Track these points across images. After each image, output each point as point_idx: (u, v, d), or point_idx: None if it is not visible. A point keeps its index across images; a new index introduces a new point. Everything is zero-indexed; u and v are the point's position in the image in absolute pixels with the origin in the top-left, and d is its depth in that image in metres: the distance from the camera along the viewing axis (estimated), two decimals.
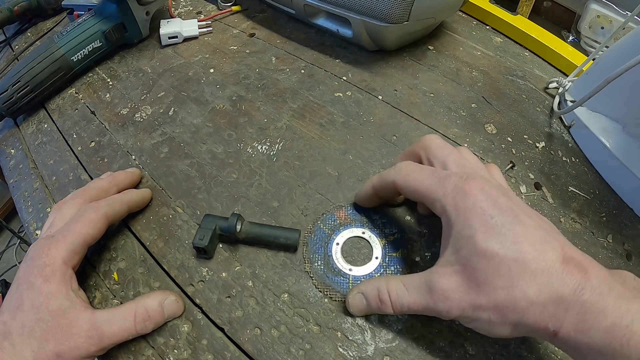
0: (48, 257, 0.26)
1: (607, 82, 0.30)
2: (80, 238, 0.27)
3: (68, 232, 0.27)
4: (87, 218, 0.28)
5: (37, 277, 0.25)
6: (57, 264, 0.26)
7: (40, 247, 0.27)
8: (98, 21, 0.46)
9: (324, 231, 0.32)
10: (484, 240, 0.20)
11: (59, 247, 0.26)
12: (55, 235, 0.27)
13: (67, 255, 0.26)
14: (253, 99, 0.43)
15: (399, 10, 0.39)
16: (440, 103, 0.41)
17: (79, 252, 0.27)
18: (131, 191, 0.34)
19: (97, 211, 0.29)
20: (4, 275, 1.34)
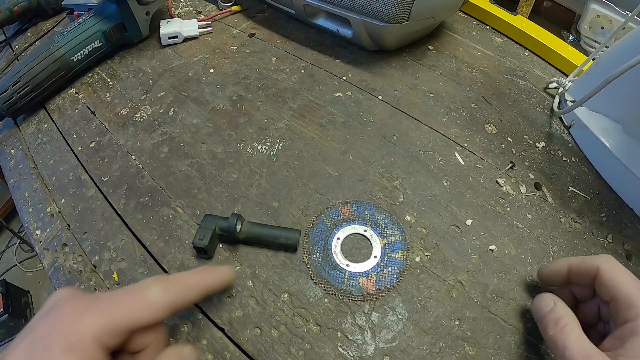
0: (79, 322, 0.20)
1: (607, 82, 0.30)
2: (127, 320, 0.21)
3: (117, 307, 0.21)
4: (148, 301, 0.22)
5: (56, 342, 0.20)
6: (86, 339, 0.20)
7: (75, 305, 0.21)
8: (98, 21, 0.46)
9: (326, 225, 0.32)
10: None
11: (96, 318, 0.21)
12: (99, 300, 0.22)
13: (103, 332, 0.20)
14: (253, 99, 0.43)
15: (399, 10, 0.39)
16: (440, 103, 0.41)
17: (119, 335, 0.21)
18: (210, 273, 0.26)
19: (164, 296, 0.23)
20: (4, 275, 1.34)
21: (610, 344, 0.21)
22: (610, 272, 0.23)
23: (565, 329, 0.22)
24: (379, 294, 0.29)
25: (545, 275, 0.28)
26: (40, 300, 1.29)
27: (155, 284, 0.23)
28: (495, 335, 0.27)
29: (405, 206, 0.33)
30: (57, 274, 0.32)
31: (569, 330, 0.22)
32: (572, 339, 0.22)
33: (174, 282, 0.24)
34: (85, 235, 0.34)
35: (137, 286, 0.23)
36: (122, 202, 0.36)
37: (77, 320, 0.20)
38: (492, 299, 0.28)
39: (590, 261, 0.24)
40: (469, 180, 0.35)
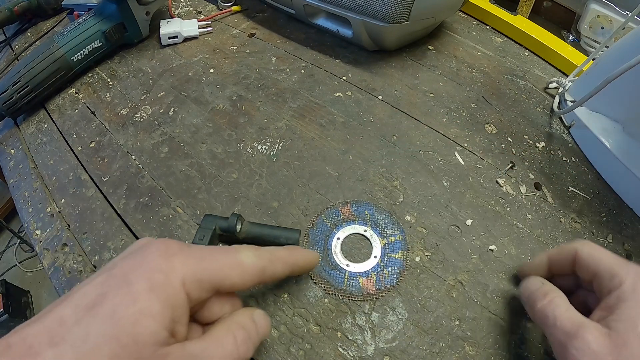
0: (168, 262, 0.19)
1: (607, 82, 0.30)
2: (217, 275, 0.20)
3: (209, 258, 0.20)
4: (239, 261, 0.21)
5: (139, 279, 0.18)
6: (174, 279, 0.18)
7: (165, 246, 0.20)
8: (98, 21, 0.46)
9: (326, 225, 0.32)
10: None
11: (187, 263, 0.19)
12: (193, 248, 0.21)
13: (191, 279, 0.19)
14: (253, 99, 0.43)
15: (399, 10, 0.39)
16: (440, 103, 0.41)
17: (205, 290, 0.20)
18: (298, 251, 0.27)
19: (255, 261, 0.22)
20: (4, 275, 1.34)
21: (598, 315, 0.21)
22: (588, 251, 0.24)
23: (554, 301, 0.22)
24: (379, 294, 0.29)
25: (527, 272, 0.28)
26: (41, 300, 1.30)
27: (248, 249, 0.22)
28: (495, 335, 0.27)
29: (405, 206, 0.33)
30: (57, 274, 0.32)
31: (558, 302, 0.22)
32: (562, 309, 0.22)
33: (265, 251, 0.23)
34: (85, 235, 0.34)
35: (230, 247, 0.22)
36: (122, 202, 0.36)
37: (166, 260, 0.19)
38: (492, 299, 0.28)
39: (567, 247, 0.25)
40: (469, 180, 0.35)
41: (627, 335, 0.19)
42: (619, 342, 0.19)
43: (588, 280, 0.23)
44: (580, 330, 0.20)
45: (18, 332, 0.17)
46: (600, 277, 0.22)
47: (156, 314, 0.17)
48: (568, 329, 0.20)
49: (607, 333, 0.20)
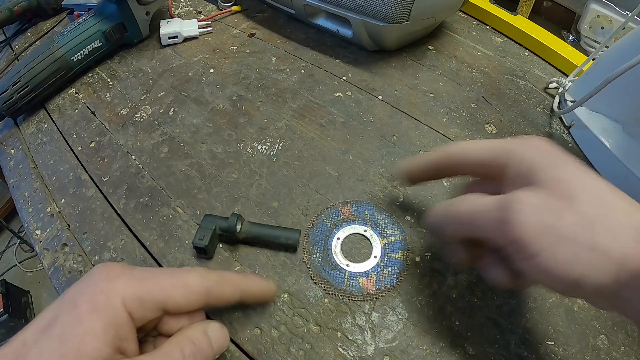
0: (110, 284, 0.20)
1: (607, 82, 0.30)
2: (159, 294, 0.21)
3: (152, 279, 0.21)
4: (184, 281, 0.22)
5: (84, 301, 0.19)
6: (114, 300, 0.20)
7: (109, 269, 0.21)
8: (98, 21, 0.46)
9: (326, 225, 0.32)
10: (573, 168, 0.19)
11: (129, 284, 0.20)
12: (136, 270, 0.22)
13: (131, 298, 0.20)
14: (253, 99, 0.43)
15: (399, 10, 0.39)
16: (440, 103, 0.41)
17: (149, 309, 0.21)
18: (253, 278, 0.27)
19: (201, 281, 0.22)
20: (4, 275, 1.35)
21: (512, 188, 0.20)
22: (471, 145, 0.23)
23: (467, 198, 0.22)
24: (379, 294, 0.29)
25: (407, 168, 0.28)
26: (41, 300, 1.30)
27: (196, 270, 0.23)
28: (495, 335, 0.27)
29: (405, 206, 0.33)
30: (57, 274, 0.32)
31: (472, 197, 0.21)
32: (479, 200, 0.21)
33: (215, 274, 0.24)
34: (85, 235, 0.34)
35: (178, 269, 0.23)
36: (122, 202, 0.36)
37: (109, 283, 0.20)
38: (492, 298, 0.28)
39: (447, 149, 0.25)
40: (469, 180, 0.35)
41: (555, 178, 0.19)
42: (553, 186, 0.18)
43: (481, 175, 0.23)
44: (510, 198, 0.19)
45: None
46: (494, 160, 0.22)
47: (99, 333, 0.19)
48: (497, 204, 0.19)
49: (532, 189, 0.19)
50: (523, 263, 0.18)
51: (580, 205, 0.18)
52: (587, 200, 0.18)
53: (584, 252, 0.17)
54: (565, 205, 0.18)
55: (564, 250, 0.17)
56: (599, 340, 0.26)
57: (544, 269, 0.18)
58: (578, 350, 0.26)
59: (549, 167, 0.19)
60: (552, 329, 0.27)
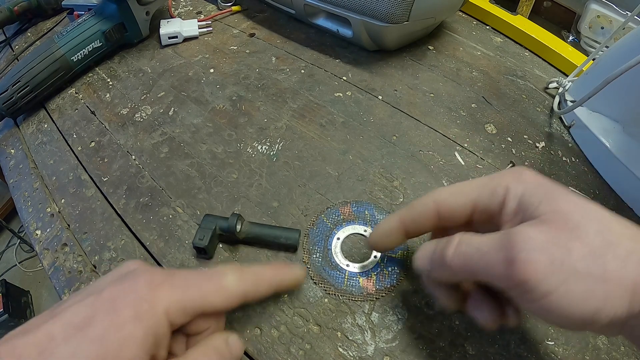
0: (153, 293, 0.20)
1: (607, 82, 0.30)
2: (201, 302, 0.21)
3: (193, 286, 0.22)
4: (223, 286, 0.22)
5: (126, 307, 0.19)
6: (158, 309, 0.20)
7: (151, 276, 0.21)
8: (98, 21, 0.46)
9: (326, 225, 0.32)
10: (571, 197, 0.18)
11: (171, 293, 0.21)
12: (176, 276, 0.22)
13: (175, 308, 0.20)
14: (253, 99, 0.43)
15: (399, 10, 0.39)
16: (440, 103, 0.41)
17: (188, 315, 0.21)
18: (283, 270, 0.26)
19: (239, 285, 0.23)
20: (4, 275, 1.34)
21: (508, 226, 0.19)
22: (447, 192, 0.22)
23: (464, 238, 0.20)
24: (379, 294, 0.29)
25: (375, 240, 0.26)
26: (41, 300, 1.30)
27: (232, 272, 0.23)
28: (495, 335, 0.27)
29: None
30: (57, 274, 0.32)
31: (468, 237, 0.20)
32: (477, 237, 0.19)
33: (249, 273, 0.24)
34: (85, 235, 0.34)
35: (214, 271, 0.23)
36: (122, 202, 0.36)
37: (152, 291, 0.20)
38: None
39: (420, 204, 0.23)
40: None
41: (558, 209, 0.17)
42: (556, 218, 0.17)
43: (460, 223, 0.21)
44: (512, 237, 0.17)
45: (7, 342, 0.18)
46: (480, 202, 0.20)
47: (139, 340, 0.19)
48: (500, 244, 0.18)
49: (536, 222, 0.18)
50: (532, 304, 0.17)
51: (588, 236, 0.17)
52: (593, 230, 0.17)
53: (597, 284, 0.16)
54: (572, 237, 0.17)
55: (578, 286, 0.16)
56: (599, 340, 0.26)
57: (556, 309, 0.16)
58: (578, 350, 0.26)
59: (546, 199, 0.18)
60: (552, 329, 0.27)
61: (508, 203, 0.19)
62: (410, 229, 0.24)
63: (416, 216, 0.23)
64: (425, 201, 0.23)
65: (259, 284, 0.24)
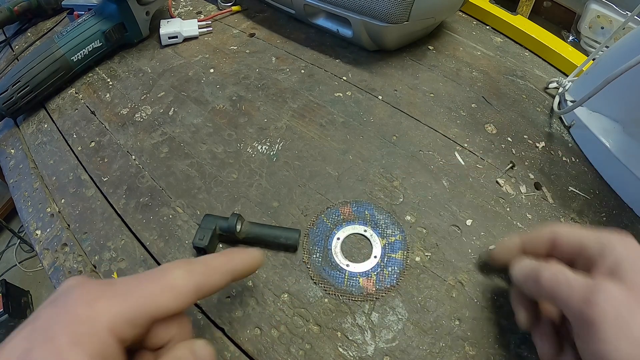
0: (90, 310, 0.18)
1: (607, 82, 0.30)
2: (149, 306, 0.19)
3: (136, 290, 0.19)
4: (170, 284, 0.20)
5: (62, 333, 0.17)
6: (99, 328, 0.17)
7: (86, 290, 0.19)
8: (98, 21, 0.46)
9: (326, 225, 0.32)
10: None
11: (112, 305, 0.18)
12: (117, 285, 0.19)
13: (120, 321, 0.18)
14: (253, 99, 0.43)
15: (399, 10, 0.39)
16: (440, 103, 0.41)
17: (139, 326, 0.18)
18: (236, 255, 0.24)
19: (188, 280, 0.20)
20: (4, 275, 1.34)
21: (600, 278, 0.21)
22: (567, 230, 0.24)
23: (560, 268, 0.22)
24: (379, 294, 0.29)
25: (499, 255, 0.28)
26: (41, 301, 1.29)
27: (178, 266, 0.21)
28: (495, 335, 0.27)
29: (405, 206, 0.33)
30: (57, 274, 0.32)
31: (564, 268, 0.22)
32: (571, 273, 0.21)
33: (198, 264, 0.22)
34: (85, 235, 0.34)
35: (158, 270, 0.21)
36: (122, 202, 0.36)
37: (88, 308, 0.18)
38: (492, 298, 0.28)
39: (542, 230, 0.25)
40: (469, 180, 0.35)
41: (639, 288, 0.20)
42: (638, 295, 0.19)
43: (569, 258, 0.24)
44: (598, 285, 0.20)
45: None
46: (588, 248, 0.23)
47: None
48: (586, 285, 0.20)
49: (622, 284, 0.20)
50: (586, 344, 0.19)
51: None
52: None
53: None
54: None
55: (627, 347, 0.18)
56: None
57: (601, 356, 0.19)
58: None
59: (634, 269, 0.20)
60: None
61: (608, 258, 0.21)
62: (527, 249, 0.26)
63: (536, 239, 0.26)
64: (546, 230, 0.25)
65: (210, 274, 0.21)
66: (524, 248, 0.26)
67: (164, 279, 0.20)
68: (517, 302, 0.25)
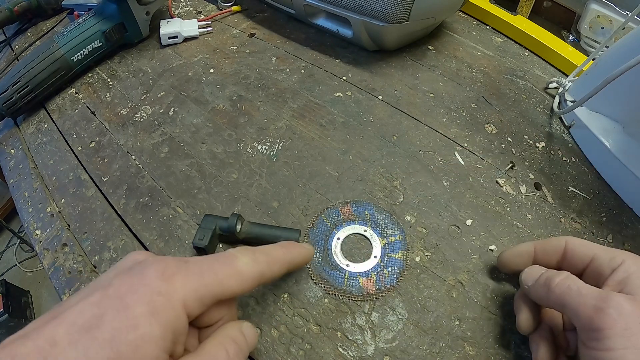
0: (168, 284, 0.18)
1: (607, 82, 0.30)
2: (217, 287, 0.20)
3: (208, 271, 0.20)
4: (238, 269, 0.21)
5: (139, 302, 0.17)
6: (175, 301, 0.18)
7: (163, 265, 0.19)
8: (98, 21, 0.46)
9: (326, 225, 0.32)
10: None
11: (188, 281, 0.19)
12: (190, 263, 0.20)
13: (192, 298, 0.19)
14: (253, 99, 0.43)
15: (399, 10, 0.39)
16: (440, 103, 0.41)
17: (206, 304, 0.20)
18: (293, 248, 0.26)
19: (253, 267, 0.22)
20: (4, 275, 1.34)
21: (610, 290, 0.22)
22: (579, 241, 0.25)
23: (571, 276, 0.22)
24: (379, 294, 0.29)
25: (508, 257, 0.28)
26: (41, 300, 1.30)
27: (244, 253, 0.22)
28: (495, 335, 0.27)
29: (405, 206, 0.33)
30: (57, 274, 0.32)
31: (574, 277, 0.22)
32: (581, 282, 0.22)
33: (261, 254, 0.23)
34: (85, 235, 0.34)
35: (226, 255, 0.22)
36: (122, 202, 0.36)
37: (166, 282, 0.18)
38: (492, 298, 0.28)
39: (555, 239, 0.26)
40: (469, 180, 0.35)
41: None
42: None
43: (579, 269, 0.24)
44: (609, 295, 0.20)
45: (6, 348, 0.16)
46: (598, 260, 0.23)
47: (158, 339, 0.17)
48: (598, 295, 0.21)
49: (631, 298, 0.20)
50: (592, 352, 0.20)
51: None
52: None
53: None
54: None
55: (633, 357, 0.19)
56: None
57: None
58: None
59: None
60: None
61: (618, 272, 0.22)
62: (539, 257, 0.26)
63: (549, 248, 0.26)
64: (560, 240, 0.26)
65: (272, 263, 0.23)
66: (536, 256, 0.26)
67: (233, 264, 0.21)
68: (520, 305, 0.26)
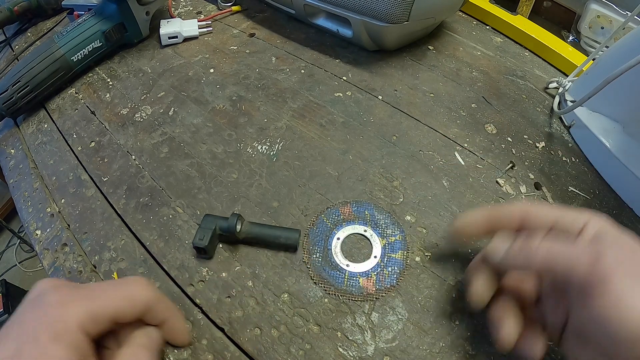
0: (64, 310, 0.21)
1: (607, 82, 0.30)
2: (110, 309, 0.23)
3: (101, 295, 0.23)
4: (129, 293, 0.24)
5: (44, 332, 0.20)
6: (71, 325, 0.21)
7: (60, 294, 0.22)
8: (98, 21, 0.46)
9: (326, 225, 0.32)
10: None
11: (81, 305, 0.22)
12: (83, 290, 0.23)
13: (86, 321, 0.21)
14: (253, 99, 0.43)
15: (399, 10, 0.39)
16: (440, 103, 0.41)
17: (101, 324, 0.22)
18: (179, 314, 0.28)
19: (145, 292, 0.24)
20: (4, 275, 1.34)
21: None
22: (539, 206, 0.24)
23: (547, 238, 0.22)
24: (379, 294, 0.29)
25: (461, 225, 0.27)
26: None
27: (136, 281, 0.25)
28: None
29: (405, 206, 0.33)
30: (57, 274, 0.32)
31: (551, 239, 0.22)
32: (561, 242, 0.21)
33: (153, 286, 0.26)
34: (85, 235, 0.34)
35: (120, 280, 0.26)
36: (122, 202, 0.36)
37: (63, 309, 0.21)
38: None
39: (510, 206, 0.25)
40: (469, 180, 0.35)
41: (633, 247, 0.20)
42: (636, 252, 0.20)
43: None
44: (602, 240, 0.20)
45: None
46: (561, 222, 0.23)
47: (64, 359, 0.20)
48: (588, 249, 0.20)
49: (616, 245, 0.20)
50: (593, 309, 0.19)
51: None
52: None
53: None
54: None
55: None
56: None
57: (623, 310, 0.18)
58: None
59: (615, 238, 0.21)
60: None
61: (588, 230, 0.22)
62: (494, 224, 0.26)
63: (505, 214, 0.25)
64: (515, 206, 0.25)
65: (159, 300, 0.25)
66: (490, 223, 0.26)
67: (124, 288, 0.24)
68: (477, 277, 0.25)
